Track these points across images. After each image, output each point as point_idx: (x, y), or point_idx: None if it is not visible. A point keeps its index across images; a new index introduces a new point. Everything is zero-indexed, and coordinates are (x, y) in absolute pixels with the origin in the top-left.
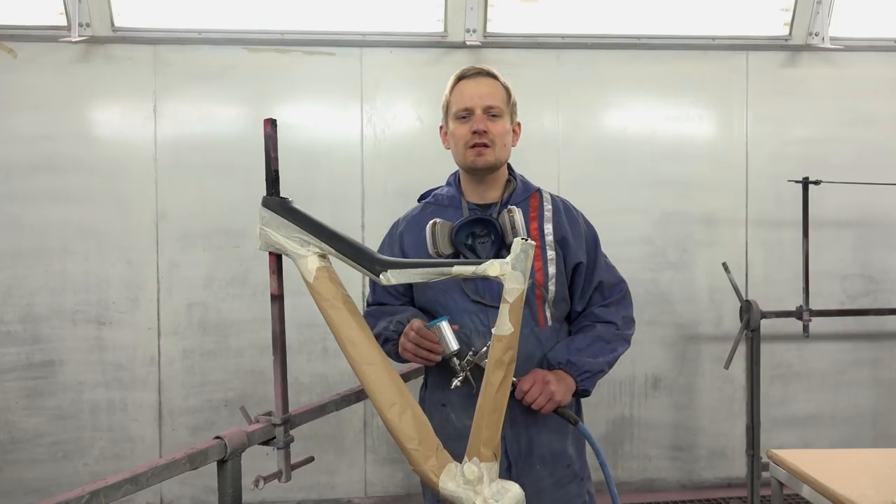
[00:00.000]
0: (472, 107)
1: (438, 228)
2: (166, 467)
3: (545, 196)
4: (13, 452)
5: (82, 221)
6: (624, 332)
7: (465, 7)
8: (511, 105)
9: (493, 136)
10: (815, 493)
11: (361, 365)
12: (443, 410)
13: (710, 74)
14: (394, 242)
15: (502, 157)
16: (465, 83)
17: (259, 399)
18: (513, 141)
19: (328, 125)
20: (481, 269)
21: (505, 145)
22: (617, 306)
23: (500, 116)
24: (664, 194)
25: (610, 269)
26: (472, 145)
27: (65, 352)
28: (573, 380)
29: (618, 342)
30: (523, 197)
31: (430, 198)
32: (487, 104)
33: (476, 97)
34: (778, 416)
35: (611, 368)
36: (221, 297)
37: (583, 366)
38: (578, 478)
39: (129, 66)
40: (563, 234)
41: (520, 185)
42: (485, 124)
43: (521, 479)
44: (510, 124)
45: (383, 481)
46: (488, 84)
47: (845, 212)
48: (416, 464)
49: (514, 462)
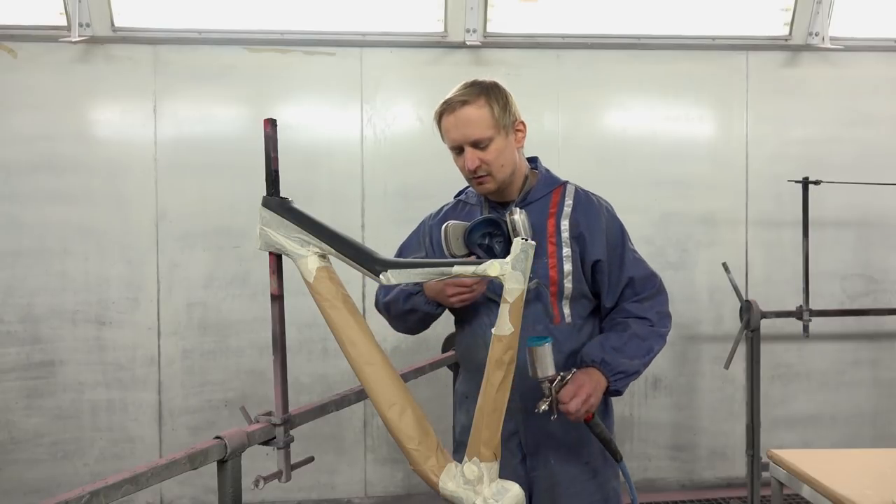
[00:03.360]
0: (459, 144)
1: (451, 230)
2: (166, 467)
3: (568, 190)
4: (13, 452)
5: (82, 221)
6: (659, 328)
7: (465, 7)
8: (504, 118)
9: (488, 166)
10: (815, 493)
11: (361, 365)
12: (467, 402)
13: (710, 74)
14: (423, 235)
15: (504, 175)
16: (446, 120)
17: (259, 399)
18: (517, 142)
19: (328, 125)
20: (481, 269)
21: (503, 165)
22: (651, 301)
23: (491, 140)
24: (664, 194)
25: (639, 263)
26: (472, 178)
27: (65, 352)
28: (606, 380)
29: (653, 339)
30: (544, 192)
31: (464, 195)
32: (472, 139)
33: (459, 135)
34: (778, 416)
35: (646, 368)
36: (221, 297)
37: (617, 366)
38: (599, 475)
39: (129, 66)
40: (581, 231)
41: (541, 179)
42: (475, 160)
43: (535, 473)
44: (505, 139)
45: (383, 481)
46: (467, 115)
47: (845, 212)
48: (416, 464)
49: (529, 454)
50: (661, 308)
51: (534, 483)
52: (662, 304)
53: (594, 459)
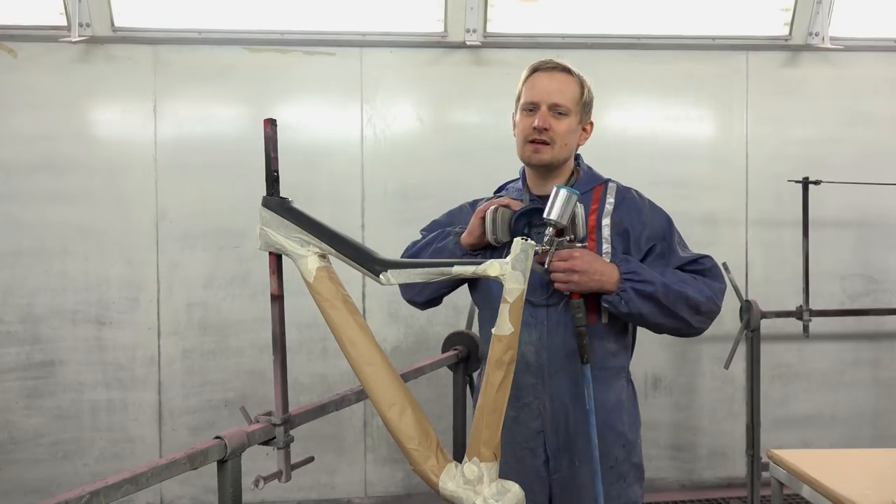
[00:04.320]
0: (538, 101)
1: (500, 215)
2: (166, 467)
3: (610, 188)
4: (13, 452)
5: (82, 221)
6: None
7: (465, 7)
8: (583, 104)
9: (553, 134)
10: (815, 493)
11: (361, 365)
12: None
13: (710, 74)
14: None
15: (561, 155)
16: (538, 76)
17: (259, 399)
18: (581, 139)
19: (328, 125)
20: (481, 269)
21: (566, 144)
22: (705, 276)
23: (567, 115)
24: (664, 194)
25: (686, 251)
26: (531, 140)
27: (65, 352)
28: (617, 272)
29: (693, 287)
30: (586, 189)
31: (504, 191)
32: (554, 101)
33: (545, 92)
34: (778, 416)
35: (664, 299)
36: (221, 297)
37: (635, 267)
38: (623, 481)
39: (129, 66)
40: (625, 227)
41: (584, 176)
42: (547, 121)
43: (556, 475)
44: (578, 123)
45: (383, 481)
46: (560, 80)
47: (845, 212)
48: (416, 464)
49: (552, 456)
50: (718, 283)
51: (554, 485)
52: (718, 280)
53: (619, 464)
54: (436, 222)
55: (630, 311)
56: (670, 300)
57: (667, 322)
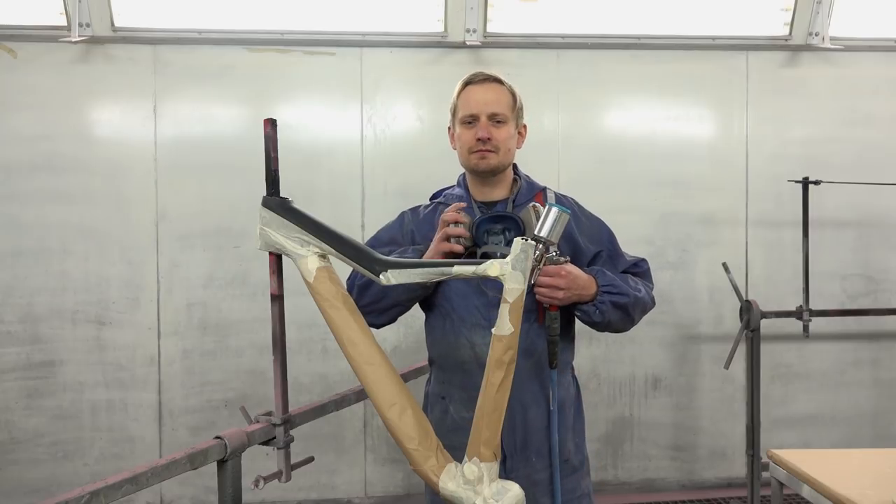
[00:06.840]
0: (477, 113)
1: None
2: (166, 467)
3: (549, 195)
4: (13, 452)
5: (82, 221)
6: (650, 291)
7: (465, 7)
8: (517, 109)
9: (496, 142)
10: (815, 493)
11: (361, 365)
12: (442, 403)
13: (709, 74)
14: (404, 230)
15: (505, 161)
16: (472, 89)
17: (259, 399)
18: (518, 143)
19: (328, 125)
20: (482, 269)
21: (509, 150)
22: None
23: (505, 122)
24: (664, 194)
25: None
26: (476, 150)
27: (65, 352)
28: (596, 286)
29: (642, 289)
30: (528, 196)
31: (442, 197)
32: (492, 111)
33: (481, 104)
34: (778, 416)
35: (631, 308)
36: (221, 297)
37: (610, 280)
38: (577, 472)
39: (129, 66)
40: (569, 231)
41: (524, 184)
42: (488, 131)
43: (516, 472)
44: (515, 129)
45: (383, 481)
46: (494, 90)
47: (845, 212)
48: (416, 464)
49: (510, 455)
50: (650, 288)
51: None
52: (651, 286)
53: (573, 457)
54: (377, 239)
55: (602, 321)
56: (636, 308)
57: (621, 325)
